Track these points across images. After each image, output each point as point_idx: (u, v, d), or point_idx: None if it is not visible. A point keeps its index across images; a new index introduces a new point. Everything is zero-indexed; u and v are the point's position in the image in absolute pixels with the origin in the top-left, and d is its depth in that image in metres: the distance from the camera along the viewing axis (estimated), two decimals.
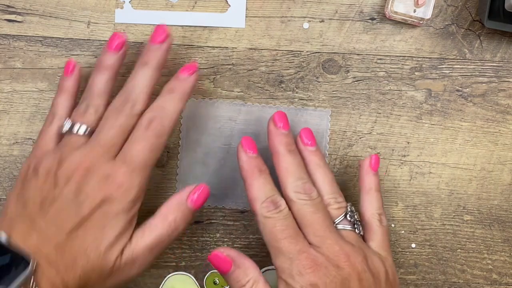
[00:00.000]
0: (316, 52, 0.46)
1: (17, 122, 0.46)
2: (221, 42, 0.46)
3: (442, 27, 0.46)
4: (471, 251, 0.47)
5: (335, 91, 0.46)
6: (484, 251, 0.47)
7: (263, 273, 0.46)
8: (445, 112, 0.47)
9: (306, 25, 0.46)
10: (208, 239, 0.46)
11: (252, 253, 0.46)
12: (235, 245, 0.46)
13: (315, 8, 0.46)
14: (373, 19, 0.46)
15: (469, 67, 0.47)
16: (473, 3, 0.46)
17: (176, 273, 0.46)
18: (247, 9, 0.46)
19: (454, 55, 0.47)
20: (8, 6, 0.45)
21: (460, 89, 0.47)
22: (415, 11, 0.45)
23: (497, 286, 0.47)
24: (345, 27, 0.46)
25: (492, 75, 0.47)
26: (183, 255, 0.46)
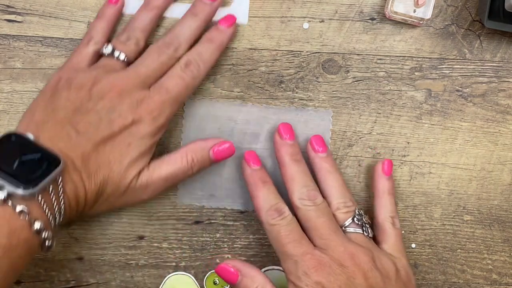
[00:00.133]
0: (316, 52, 0.46)
1: (17, 122, 0.45)
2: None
3: (442, 27, 0.46)
4: (471, 251, 0.47)
5: (335, 91, 0.46)
6: (484, 251, 0.47)
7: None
8: (445, 112, 0.47)
9: (306, 25, 0.46)
10: (208, 239, 0.46)
11: (252, 253, 0.46)
12: (235, 245, 0.46)
13: (315, 8, 0.46)
14: (373, 19, 0.46)
15: (469, 67, 0.47)
16: (473, 3, 0.46)
17: (176, 273, 0.46)
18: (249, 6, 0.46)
19: (454, 55, 0.47)
20: (8, 6, 0.45)
21: (460, 89, 0.47)
22: (415, 11, 0.45)
23: (497, 286, 0.47)
24: (345, 27, 0.46)
25: (492, 75, 0.47)
26: (183, 255, 0.46)
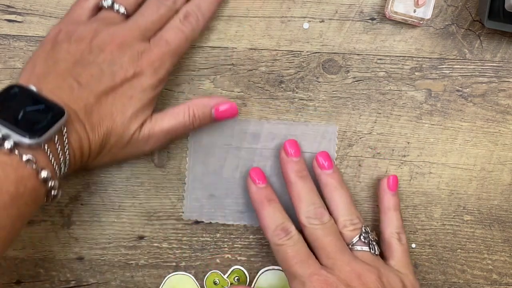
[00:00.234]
0: (316, 52, 0.46)
1: None
2: (221, 42, 0.46)
3: (442, 27, 0.46)
4: (471, 251, 0.47)
5: (335, 91, 0.46)
6: (484, 251, 0.47)
7: (263, 273, 0.46)
8: (445, 112, 0.47)
9: (306, 25, 0.46)
10: (208, 239, 0.46)
11: (252, 253, 0.46)
12: (235, 245, 0.46)
13: (315, 8, 0.46)
14: (373, 19, 0.46)
15: (469, 67, 0.47)
16: (473, 3, 0.46)
17: (176, 273, 0.46)
18: (247, 9, 0.46)
19: (454, 55, 0.47)
20: (8, 6, 0.45)
21: (460, 89, 0.47)
22: (415, 11, 0.45)
23: (497, 286, 0.47)
24: (345, 27, 0.46)
25: (492, 75, 0.47)
26: (183, 255, 0.46)
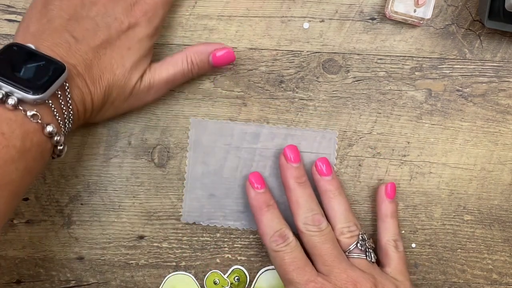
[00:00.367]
0: (316, 52, 0.46)
1: None
2: (221, 42, 0.46)
3: (442, 27, 0.46)
4: (471, 251, 0.47)
5: (335, 91, 0.46)
6: (484, 251, 0.47)
7: (263, 273, 0.46)
8: (445, 112, 0.47)
9: (306, 25, 0.46)
10: (208, 239, 0.46)
11: (252, 253, 0.46)
12: (235, 245, 0.46)
13: (315, 8, 0.46)
14: (373, 19, 0.46)
15: (469, 67, 0.47)
16: (473, 3, 0.46)
17: (176, 273, 0.46)
18: (247, 9, 0.46)
19: (454, 55, 0.47)
20: (8, 6, 0.45)
21: (460, 89, 0.47)
22: (415, 11, 0.45)
23: (497, 286, 0.47)
24: (345, 27, 0.46)
25: (492, 75, 0.47)
26: (183, 255, 0.46)
